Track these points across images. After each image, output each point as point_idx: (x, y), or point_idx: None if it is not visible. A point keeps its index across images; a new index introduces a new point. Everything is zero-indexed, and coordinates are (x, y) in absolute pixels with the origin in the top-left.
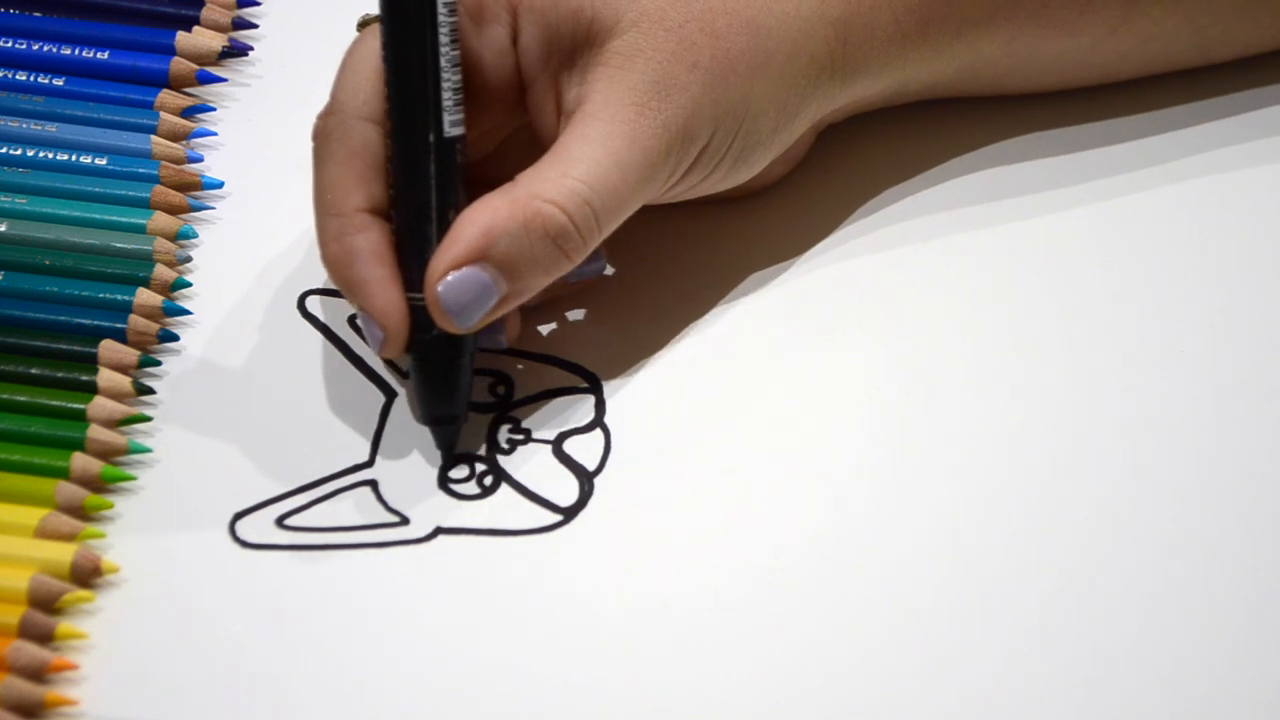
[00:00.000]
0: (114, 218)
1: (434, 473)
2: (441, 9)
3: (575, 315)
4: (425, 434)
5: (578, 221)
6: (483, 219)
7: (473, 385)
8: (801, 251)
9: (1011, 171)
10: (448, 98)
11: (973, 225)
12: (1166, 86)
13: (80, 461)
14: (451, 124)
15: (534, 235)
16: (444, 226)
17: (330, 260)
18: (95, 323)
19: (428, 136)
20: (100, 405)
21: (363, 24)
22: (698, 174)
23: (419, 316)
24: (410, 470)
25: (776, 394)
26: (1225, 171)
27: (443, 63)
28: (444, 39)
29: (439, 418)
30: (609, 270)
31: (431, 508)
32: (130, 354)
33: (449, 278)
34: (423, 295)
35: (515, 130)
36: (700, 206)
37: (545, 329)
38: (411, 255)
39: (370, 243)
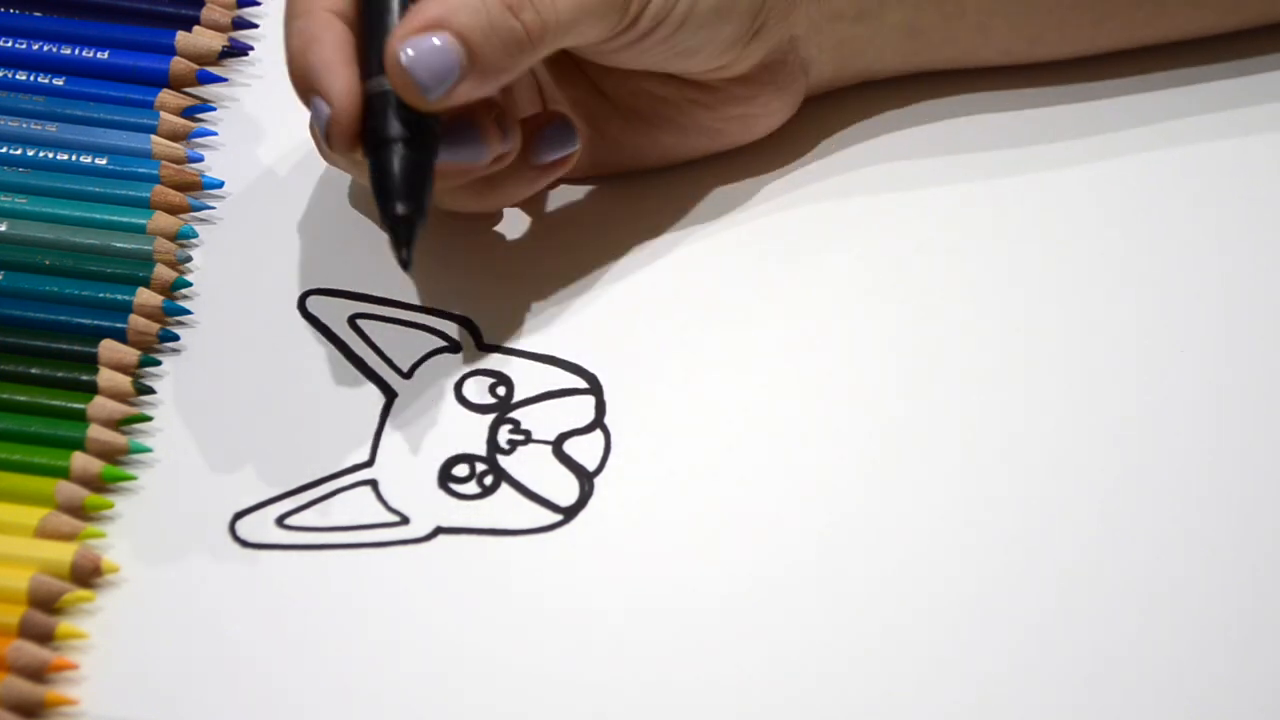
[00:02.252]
0: (114, 218)
1: (434, 473)
2: None
3: (575, 315)
4: (425, 434)
5: None
6: None
7: (432, 186)
8: (803, 247)
9: (1014, 156)
10: None
11: (978, 204)
12: (1173, 64)
13: (80, 461)
14: None
15: (491, 5)
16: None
17: (291, 55)
18: (95, 323)
19: None
20: (100, 405)
21: None
22: (646, 20)
23: (375, 107)
24: (410, 470)
25: (777, 394)
26: (1240, 153)
27: None
28: None
29: (395, 216)
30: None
31: (431, 508)
32: (130, 354)
33: (410, 47)
34: (383, 81)
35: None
36: (699, 191)
37: (545, 329)
38: (373, 45)
39: (331, 34)
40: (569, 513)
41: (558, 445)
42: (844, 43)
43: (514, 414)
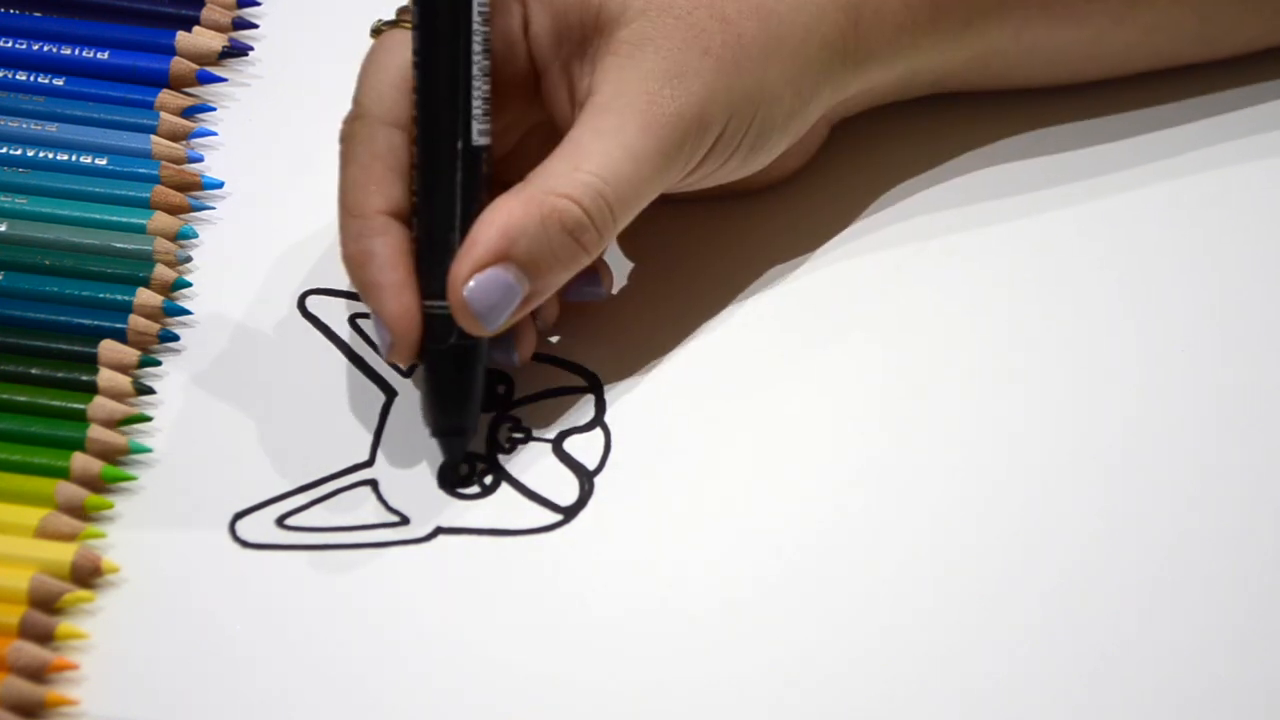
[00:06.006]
0: (114, 218)
1: (434, 473)
2: (476, 18)
3: (575, 315)
4: (425, 433)
5: (592, 214)
6: (500, 220)
7: (482, 398)
8: (806, 250)
9: (1020, 169)
10: (477, 106)
11: (982, 223)
12: (1174, 82)
13: (80, 461)
14: (480, 133)
15: (551, 231)
16: (466, 235)
17: (348, 260)
18: (95, 323)
19: (455, 144)
20: (100, 405)
21: (376, 30)
22: (713, 161)
23: (433, 326)
24: (410, 470)
25: (777, 394)
26: (1232, 169)
27: (474, 70)
28: (476, 48)
29: (447, 430)
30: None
31: (431, 508)
32: (130, 354)
33: (474, 281)
34: (441, 303)
35: (532, 129)
36: (707, 202)
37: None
38: (432, 262)
39: (388, 246)
40: (569, 512)
41: (558, 444)
42: (879, 97)
43: (514, 412)
